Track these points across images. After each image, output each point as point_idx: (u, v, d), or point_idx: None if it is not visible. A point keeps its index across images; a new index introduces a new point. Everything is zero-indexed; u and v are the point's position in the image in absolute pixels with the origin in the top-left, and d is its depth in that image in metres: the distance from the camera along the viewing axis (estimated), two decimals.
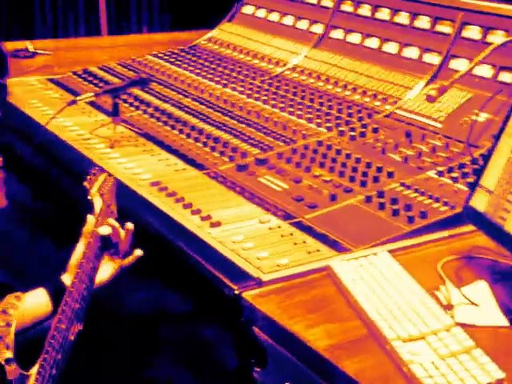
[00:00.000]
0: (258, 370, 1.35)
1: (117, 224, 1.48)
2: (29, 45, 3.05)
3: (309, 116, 2.22)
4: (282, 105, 2.32)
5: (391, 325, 1.26)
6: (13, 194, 3.53)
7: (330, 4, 2.75)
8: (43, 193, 2.69)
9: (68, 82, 2.64)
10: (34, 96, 2.48)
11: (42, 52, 3.01)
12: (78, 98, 2.07)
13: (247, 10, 3.09)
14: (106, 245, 1.45)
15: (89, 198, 1.54)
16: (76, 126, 2.20)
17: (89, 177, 1.60)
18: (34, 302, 1.43)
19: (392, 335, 1.23)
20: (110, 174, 1.67)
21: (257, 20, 3.01)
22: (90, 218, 1.49)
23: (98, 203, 1.52)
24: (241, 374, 1.39)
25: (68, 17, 4.68)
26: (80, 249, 1.46)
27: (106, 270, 1.49)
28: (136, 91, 2.47)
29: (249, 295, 1.38)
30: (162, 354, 2.18)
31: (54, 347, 1.24)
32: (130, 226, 1.50)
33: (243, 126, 2.20)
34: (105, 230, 1.45)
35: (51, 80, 2.67)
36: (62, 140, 2.10)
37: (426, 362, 1.17)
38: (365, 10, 2.62)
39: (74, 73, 2.73)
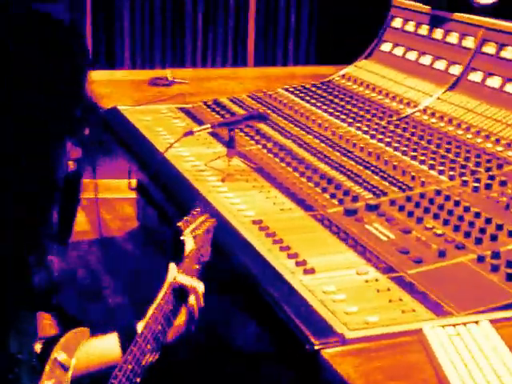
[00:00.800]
0: None
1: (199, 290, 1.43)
2: (168, 73, 3.13)
3: (432, 162, 2.09)
4: (405, 148, 2.20)
5: None
6: (145, 217, 3.63)
7: (472, 45, 2.60)
8: (162, 218, 2.74)
9: (197, 112, 2.67)
10: (161, 124, 2.52)
11: (180, 81, 3.08)
12: (195, 129, 2.07)
13: (385, 47, 2.99)
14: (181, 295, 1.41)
15: (181, 238, 1.51)
16: (193, 156, 2.21)
17: (186, 217, 1.57)
18: (104, 346, 1.36)
19: None
20: (210, 216, 1.63)
21: (394, 58, 2.90)
22: (172, 267, 1.43)
23: (188, 245, 1.49)
24: None
25: (217, 46, 4.80)
26: (158, 298, 1.40)
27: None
28: (259, 125, 2.45)
29: (328, 353, 1.29)
30: None
31: (125, 372, 1.22)
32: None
33: (360, 167, 2.11)
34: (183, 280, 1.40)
35: (182, 109, 2.71)
36: (176, 169, 2.11)
37: None
38: (508, 53, 2.45)
39: (205, 103, 2.76)
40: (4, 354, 1.15)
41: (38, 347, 1.24)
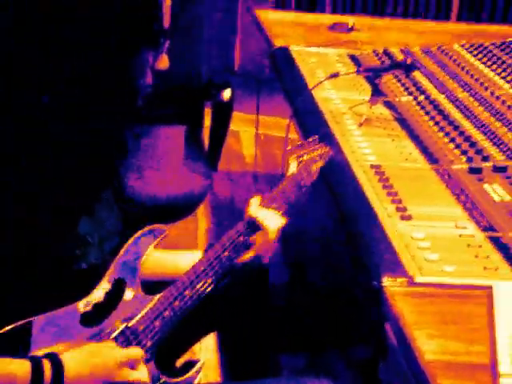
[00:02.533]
0: (382, 365, 1.32)
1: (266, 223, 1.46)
2: (350, 20, 3.18)
3: None
4: None
5: None
6: None
7: None
8: None
9: (364, 60, 2.71)
10: (324, 66, 2.61)
11: (359, 28, 3.13)
12: (340, 72, 2.14)
13: None
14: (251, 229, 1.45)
15: (288, 160, 1.60)
16: (339, 99, 2.28)
17: (299, 142, 1.65)
18: (187, 260, 1.45)
19: (507, 370, 1.11)
20: (326, 147, 1.71)
21: None
22: (253, 201, 1.49)
23: (292, 168, 1.58)
24: (370, 364, 1.38)
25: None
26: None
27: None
28: (419, 77, 2.45)
29: (391, 291, 1.34)
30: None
31: (184, 282, 1.35)
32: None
33: (505, 129, 2.05)
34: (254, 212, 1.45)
35: (350, 55, 2.77)
36: (319, 110, 2.20)
37: None
38: None
39: (374, 51, 2.79)
40: (73, 232, 1.31)
41: None
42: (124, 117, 1.30)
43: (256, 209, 1.48)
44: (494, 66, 2.56)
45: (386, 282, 1.37)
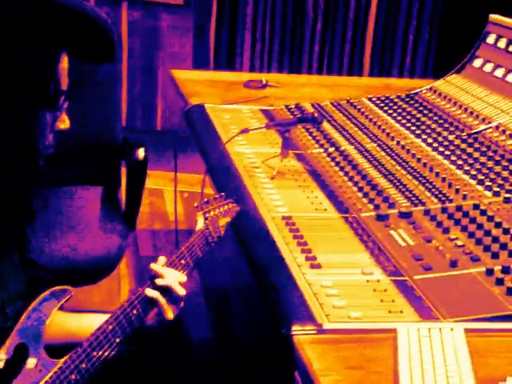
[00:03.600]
0: None
1: (160, 298, 1.45)
2: (264, 77, 3.28)
3: (481, 177, 2.09)
4: (462, 162, 2.21)
5: None
6: None
7: None
8: None
9: (277, 114, 2.79)
10: (237, 122, 2.66)
11: (273, 85, 3.22)
12: (250, 127, 2.20)
13: (477, 63, 2.97)
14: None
15: (196, 216, 1.63)
16: (253, 154, 2.33)
17: (206, 199, 1.69)
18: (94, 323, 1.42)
19: None
20: (235, 204, 1.75)
21: (483, 74, 2.87)
22: (160, 260, 1.50)
23: (199, 223, 1.61)
24: None
25: (334, 54, 4.89)
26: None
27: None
28: (329, 129, 2.54)
29: (300, 339, 1.37)
30: None
31: (91, 343, 1.34)
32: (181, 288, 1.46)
33: (409, 177, 2.14)
34: (150, 293, 1.44)
35: (263, 111, 2.85)
36: (232, 164, 2.25)
37: None
38: None
39: (287, 106, 2.87)
40: None
41: None
42: (27, 178, 1.30)
43: (159, 266, 1.49)
44: (399, 117, 2.68)
45: (296, 330, 1.40)
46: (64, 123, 1.29)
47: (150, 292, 1.44)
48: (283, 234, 1.80)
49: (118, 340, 1.37)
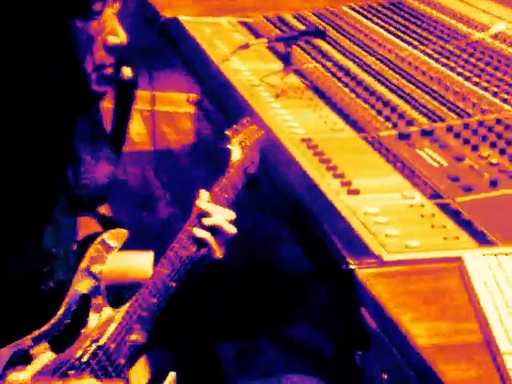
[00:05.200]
0: (360, 352, 1.26)
1: (210, 238, 1.34)
2: None
3: (495, 90, 2.00)
4: (470, 74, 2.11)
5: (511, 337, 1.10)
6: (203, 131, 3.63)
7: None
8: (218, 133, 2.74)
9: (258, 27, 2.61)
10: (220, 36, 2.48)
11: None
12: (251, 42, 2.03)
13: None
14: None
15: (228, 146, 1.48)
16: (248, 71, 2.17)
17: (235, 126, 1.54)
18: (137, 261, 1.36)
19: (508, 348, 1.08)
20: (260, 128, 1.60)
21: None
22: (203, 194, 1.38)
23: (235, 155, 1.46)
24: (343, 352, 1.31)
25: None
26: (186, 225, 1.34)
27: None
28: (319, 42, 2.38)
29: (363, 273, 1.27)
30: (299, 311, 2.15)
31: (150, 290, 1.23)
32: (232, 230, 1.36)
33: (419, 92, 2.04)
34: (200, 234, 1.32)
35: (243, 23, 2.66)
36: (230, 83, 2.08)
37: None
38: None
39: (266, 17, 2.69)
40: (39, 247, 1.17)
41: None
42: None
43: (206, 203, 1.35)
44: (390, 28, 2.54)
45: (354, 264, 1.30)
46: (116, 35, 1.10)
47: (200, 232, 1.31)
48: (308, 158, 1.68)
49: (173, 284, 1.25)
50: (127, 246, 1.28)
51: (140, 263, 1.37)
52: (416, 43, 2.38)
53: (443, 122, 1.86)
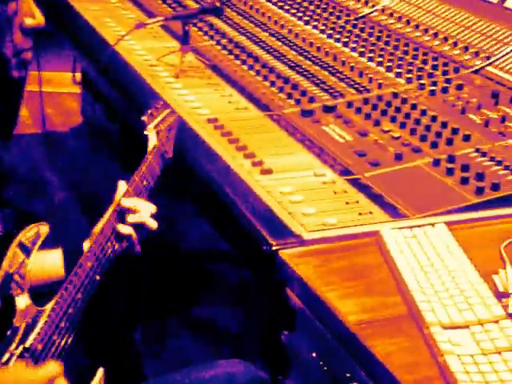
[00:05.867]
0: (286, 333, 1.27)
1: (134, 234, 1.32)
2: None
3: (389, 64, 2.06)
4: (363, 49, 2.16)
5: (434, 307, 1.14)
6: (89, 113, 3.51)
7: None
8: (111, 115, 2.66)
9: (147, 4, 2.54)
10: (110, 15, 2.40)
11: None
12: (147, 21, 1.98)
13: None
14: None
15: (145, 132, 1.44)
16: (144, 50, 2.12)
17: (150, 111, 1.50)
18: (47, 262, 1.32)
19: (432, 319, 1.12)
20: (173, 111, 1.57)
21: None
22: (121, 185, 1.35)
23: (152, 140, 1.43)
24: (270, 333, 1.31)
25: None
26: (105, 216, 1.33)
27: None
28: (213, 20, 2.36)
29: (286, 254, 1.28)
30: (210, 293, 2.14)
31: (75, 285, 1.19)
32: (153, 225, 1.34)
33: (317, 68, 2.06)
34: (124, 230, 1.29)
35: (132, 0, 2.59)
36: (127, 63, 2.03)
37: (465, 354, 1.06)
38: None
39: None
40: None
41: None
42: None
43: (130, 200, 1.31)
44: (280, 3, 2.55)
45: (277, 245, 1.30)
46: (33, 18, 1.03)
47: (124, 228, 1.27)
48: (216, 139, 1.66)
49: (97, 277, 1.21)
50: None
51: (51, 263, 1.33)
52: (307, 19, 2.40)
53: (343, 98, 1.90)
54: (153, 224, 1.31)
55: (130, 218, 1.28)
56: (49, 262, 1.30)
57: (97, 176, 2.87)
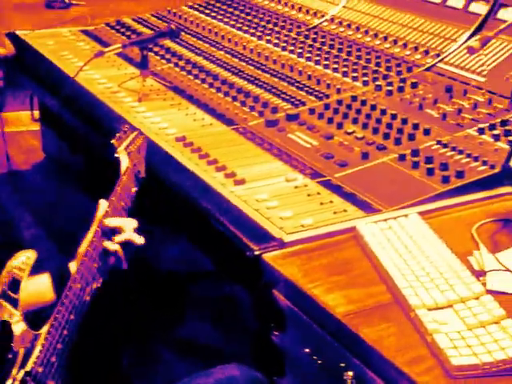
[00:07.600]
0: (277, 333, 1.30)
1: (120, 250, 1.34)
2: None
3: (344, 70, 2.12)
4: (318, 58, 2.22)
5: (417, 291, 1.19)
6: (51, 148, 3.51)
7: None
8: (75, 146, 2.68)
9: (100, 34, 2.58)
10: (66, 48, 2.43)
11: (77, 3, 2.96)
12: (105, 49, 2.01)
13: None
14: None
15: (116, 155, 1.47)
16: (104, 78, 2.15)
17: (118, 134, 1.53)
18: (37, 288, 1.33)
19: (417, 302, 1.16)
20: (140, 133, 1.60)
21: None
22: (102, 204, 1.37)
23: (124, 162, 1.45)
24: (261, 336, 1.34)
25: None
26: (89, 236, 1.35)
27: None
28: (168, 43, 2.40)
29: (269, 257, 1.32)
30: (190, 310, 2.16)
31: (67, 307, 1.21)
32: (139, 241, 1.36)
33: (275, 80, 2.12)
34: (111, 247, 1.32)
35: (84, 32, 2.62)
36: (89, 93, 2.05)
37: (451, 331, 1.10)
38: None
39: (108, 24, 2.67)
40: None
41: None
42: None
43: (115, 220, 1.33)
44: (232, 22, 2.60)
45: (259, 250, 1.34)
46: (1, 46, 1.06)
47: (111, 246, 1.29)
48: (187, 155, 1.69)
49: (88, 298, 1.23)
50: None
51: (40, 288, 1.34)
52: (259, 34, 2.46)
53: (304, 105, 1.95)
54: (139, 240, 1.33)
55: (118, 238, 1.31)
56: (38, 287, 1.31)
57: (67, 210, 2.87)
